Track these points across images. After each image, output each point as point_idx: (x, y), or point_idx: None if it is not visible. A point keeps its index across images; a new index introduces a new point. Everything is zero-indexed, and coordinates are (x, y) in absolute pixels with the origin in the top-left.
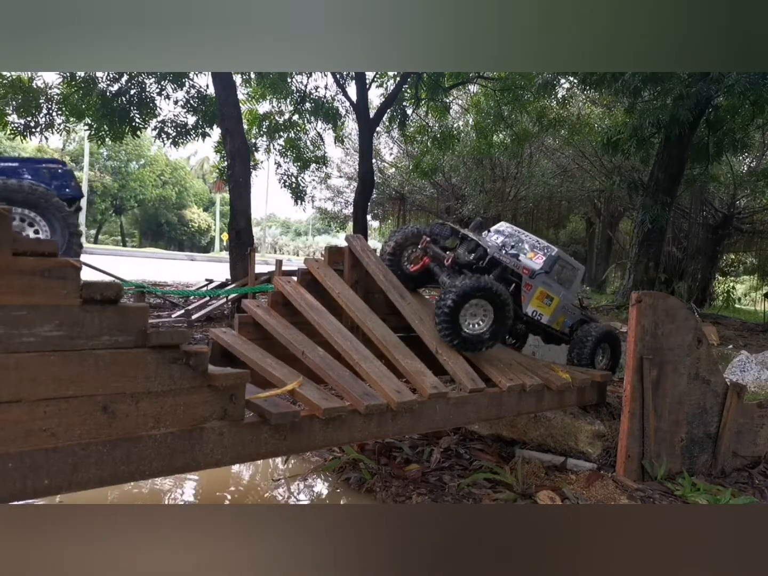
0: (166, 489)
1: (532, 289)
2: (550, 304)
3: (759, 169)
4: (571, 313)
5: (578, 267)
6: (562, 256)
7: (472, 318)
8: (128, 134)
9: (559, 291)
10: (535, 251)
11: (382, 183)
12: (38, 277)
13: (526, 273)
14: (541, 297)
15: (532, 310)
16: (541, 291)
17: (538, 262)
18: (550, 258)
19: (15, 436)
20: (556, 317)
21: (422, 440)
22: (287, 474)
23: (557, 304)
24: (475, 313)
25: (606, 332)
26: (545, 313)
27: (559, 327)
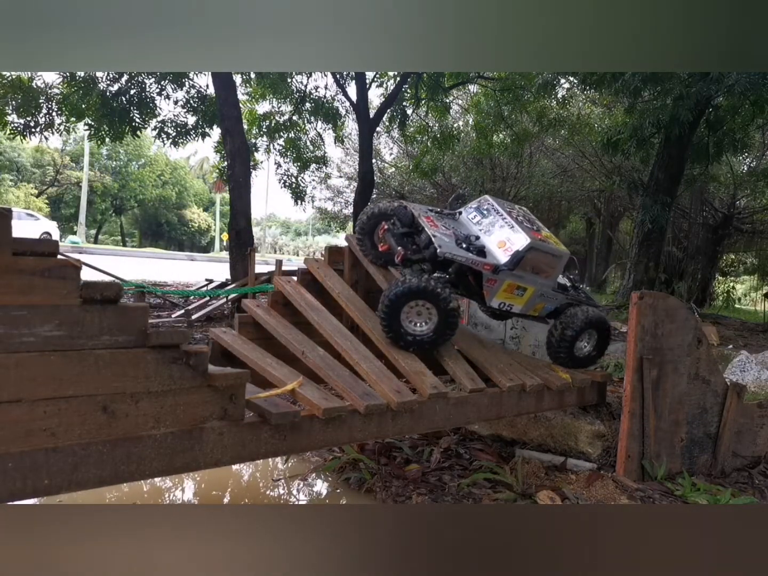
0: (166, 489)
1: (496, 283)
2: (522, 295)
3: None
4: (552, 298)
5: (560, 254)
6: (537, 247)
7: (418, 317)
8: (128, 134)
9: (534, 281)
10: (506, 240)
11: (382, 183)
12: (38, 277)
13: (488, 269)
14: (510, 289)
15: (499, 303)
16: (510, 283)
17: (505, 255)
18: (516, 254)
19: (15, 436)
20: (532, 305)
21: (422, 440)
22: (287, 474)
23: (531, 293)
24: (420, 312)
25: (592, 318)
26: (517, 304)
27: (537, 313)
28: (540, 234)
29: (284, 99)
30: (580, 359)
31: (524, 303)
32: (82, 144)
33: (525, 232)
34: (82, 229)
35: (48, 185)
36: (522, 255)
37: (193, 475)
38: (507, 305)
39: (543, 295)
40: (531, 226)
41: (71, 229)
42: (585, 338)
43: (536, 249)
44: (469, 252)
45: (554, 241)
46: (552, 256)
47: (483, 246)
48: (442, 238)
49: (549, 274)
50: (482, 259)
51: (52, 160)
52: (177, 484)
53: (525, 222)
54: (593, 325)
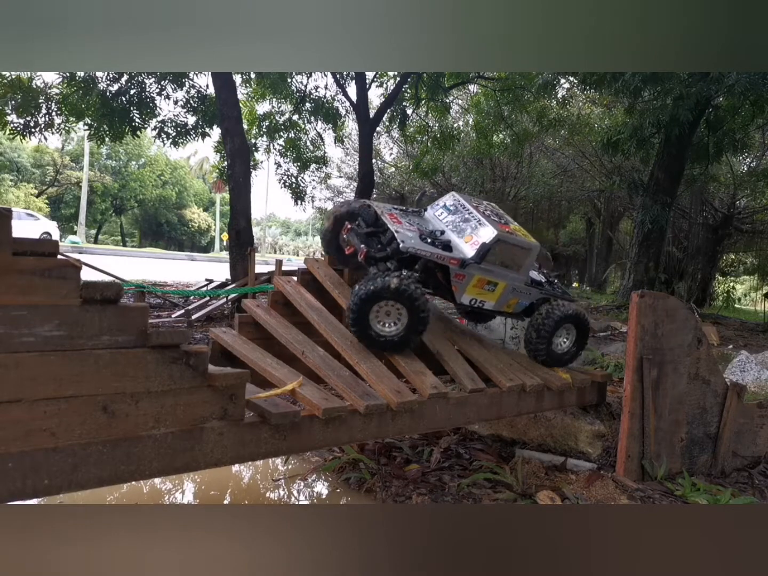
0: (166, 489)
1: (465, 278)
2: (493, 290)
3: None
4: (525, 293)
5: (529, 246)
6: (504, 239)
7: (387, 317)
8: (128, 134)
9: (504, 275)
10: (473, 234)
11: (382, 183)
12: (38, 277)
13: (454, 264)
14: (480, 284)
15: (470, 299)
16: (479, 278)
17: (472, 249)
18: (483, 247)
19: (15, 436)
20: (505, 301)
21: (422, 440)
22: (287, 474)
23: (503, 288)
24: (389, 312)
25: (569, 312)
26: (488, 300)
27: (512, 309)
28: (508, 227)
29: (284, 99)
30: (560, 356)
31: (496, 299)
32: (82, 144)
33: (492, 225)
34: (82, 229)
35: (48, 185)
36: (488, 247)
37: (193, 475)
38: (478, 302)
39: (516, 290)
40: (499, 219)
41: (71, 229)
42: (563, 334)
43: (504, 241)
44: (435, 247)
45: (523, 233)
46: (521, 248)
47: (449, 241)
48: (405, 233)
49: (520, 268)
50: (448, 254)
51: (52, 160)
52: (177, 484)
53: (493, 216)
54: (571, 320)
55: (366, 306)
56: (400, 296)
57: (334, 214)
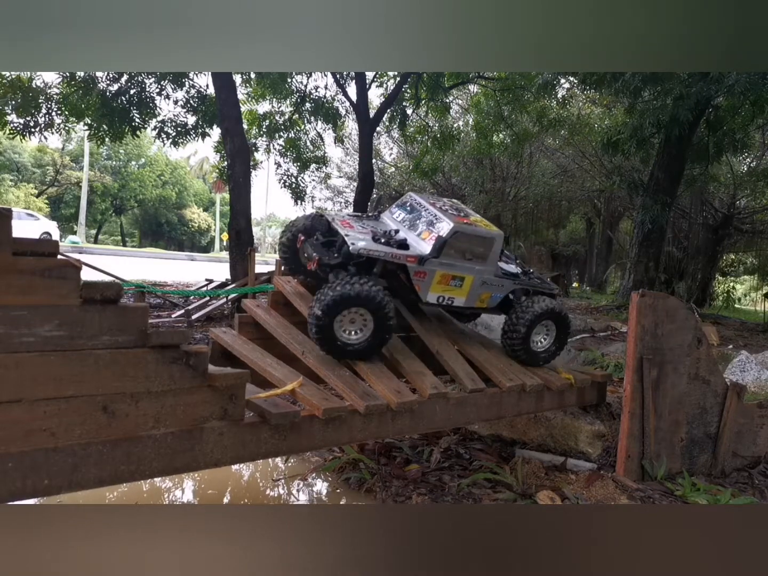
0: (166, 489)
1: (426, 276)
2: (461, 285)
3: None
4: (497, 286)
5: (490, 236)
6: (462, 230)
7: (351, 325)
8: (128, 134)
9: (469, 268)
10: (430, 230)
11: (382, 183)
12: (38, 277)
13: (412, 261)
14: (444, 280)
15: (437, 296)
16: (442, 274)
17: (429, 245)
18: (439, 240)
19: (15, 436)
20: (476, 295)
21: (422, 440)
22: (287, 474)
23: (471, 282)
24: (354, 320)
25: (549, 309)
26: (457, 296)
27: (486, 304)
28: (467, 219)
29: (284, 99)
30: (538, 354)
31: (466, 294)
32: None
33: (448, 218)
34: (82, 229)
35: (48, 185)
36: (444, 240)
37: (193, 475)
38: (446, 299)
39: (486, 283)
40: (457, 213)
41: (71, 229)
42: (543, 331)
43: (462, 233)
44: (390, 246)
45: (485, 224)
46: (482, 238)
47: (404, 239)
48: (356, 236)
49: (485, 260)
50: (404, 252)
51: (52, 160)
52: (177, 484)
53: (451, 210)
54: (550, 316)
55: (331, 314)
56: (367, 302)
57: (290, 231)
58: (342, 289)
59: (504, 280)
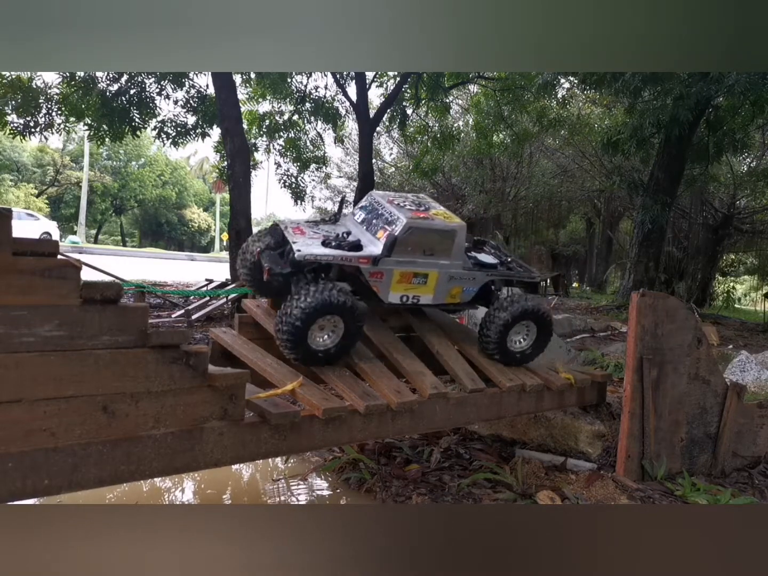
0: (166, 489)
1: (384, 276)
2: (425, 282)
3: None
4: (468, 279)
5: (450, 228)
6: (416, 225)
7: (320, 332)
8: (128, 134)
9: (432, 264)
10: (385, 228)
11: (382, 183)
12: (38, 277)
13: (365, 263)
14: (405, 279)
15: (400, 296)
16: (402, 273)
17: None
18: (389, 237)
19: (15, 436)
20: (444, 291)
21: (422, 440)
22: (287, 474)
23: (436, 278)
24: (323, 326)
25: (530, 308)
26: (423, 293)
27: (459, 299)
28: (426, 213)
29: (284, 99)
30: (513, 354)
31: (432, 291)
32: (82, 144)
33: (403, 214)
34: (82, 229)
35: (48, 185)
36: (395, 237)
37: (193, 475)
38: (411, 298)
39: (453, 277)
40: (417, 207)
41: (71, 229)
42: (522, 331)
43: (417, 228)
44: (342, 250)
45: (444, 216)
46: (440, 232)
47: (358, 241)
48: (303, 242)
49: (448, 253)
50: (354, 254)
51: (52, 160)
52: (177, 484)
53: (409, 205)
54: (530, 316)
55: (305, 325)
56: (339, 309)
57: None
58: (313, 298)
59: (475, 273)
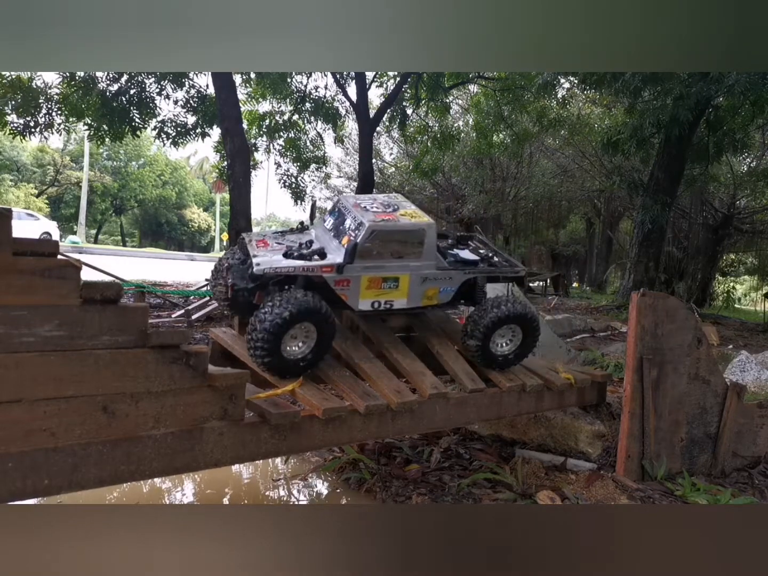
0: (166, 489)
1: (351, 283)
2: (396, 286)
3: (759, 169)
4: (444, 279)
5: (417, 228)
6: (380, 229)
7: (292, 340)
8: (128, 134)
9: (402, 266)
10: (350, 234)
11: (382, 183)
12: (38, 277)
13: (328, 271)
14: (375, 285)
15: (371, 303)
16: (370, 278)
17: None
18: (349, 244)
19: (15, 436)
20: (419, 294)
21: (422, 440)
22: (287, 474)
23: (408, 281)
24: (295, 335)
25: (515, 312)
26: (396, 298)
27: (437, 300)
28: (392, 215)
29: (284, 99)
30: (495, 358)
31: (406, 294)
32: (82, 144)
33: (366, 218)
34: (82, 229)
35: (48, 185)
36: (355, 243)
37: (193, 475)
38: (383, 303)
39: (428, 278)
40: (384, 209)
41: (71, 229)
42: (508, 334)
43: (381, 230)
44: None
45: (411, 216)
46: (407, 232)
47: (321, 248)
48: (263, 255)
49: (419, 254)
50: (315, 263)
51: (52, 160)
52: (177, 484)
53: (376, 207)
54: (518, 320)
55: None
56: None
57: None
58: (282, 307)
59: (452, 272)
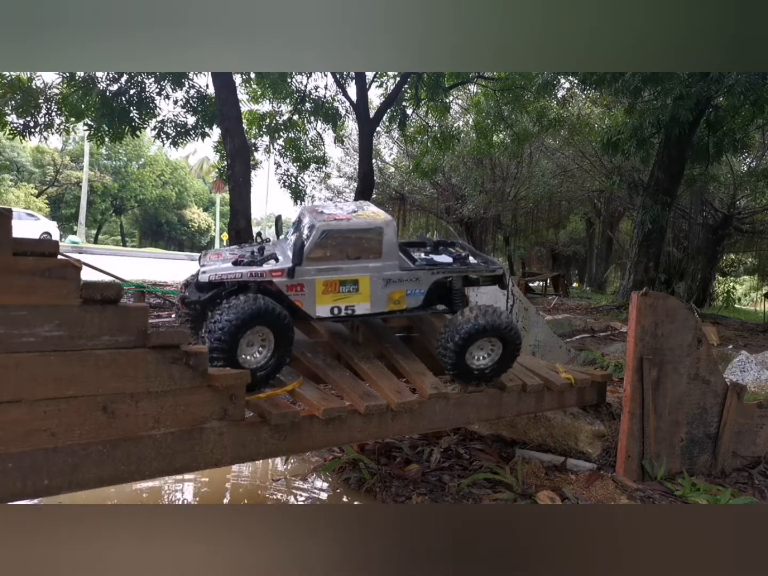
0: (166, 489)
1: (304, 288)
2: (357, 290)
3: (759, 169)
4: (410, 280)
5: (373, 226)
6: (332, 229)
7: (249, 348)
8: (128, 134)
9: (361, 268)
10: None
11: (382, 183)
12: (38, 277)
13: (278, 275)
14: (332, 288)
15: (330, 308)
16: (325, 282)
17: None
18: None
19: (15, 436)
20: (383, 297)
21: (422, 440)
22: (287, 474)
23: (369, 284)
24: (252, 342)
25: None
26: (358, 302)
27: (404, 304)
28: (348, 216)
29: (284, 99)
30: (471, 371)
31: (368, 298)
32: (82, 144)
33: (317, 220)
34: (82, 229)
35: (48, 185)
36: (302, 243)
37: (193, 474)
38: (344, 309)
39: (392, 280)
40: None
41: (71, 229)
42: (487, 347)
43: (332, 230)
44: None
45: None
46: (362, 231)
47: (273, 255)
48: (211, 265)
49: (378, 254)
50: (264, 268)
51: (52, 160)
52: (177, 484)
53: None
54: (498, 333)
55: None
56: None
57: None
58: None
59: (418, 272)
